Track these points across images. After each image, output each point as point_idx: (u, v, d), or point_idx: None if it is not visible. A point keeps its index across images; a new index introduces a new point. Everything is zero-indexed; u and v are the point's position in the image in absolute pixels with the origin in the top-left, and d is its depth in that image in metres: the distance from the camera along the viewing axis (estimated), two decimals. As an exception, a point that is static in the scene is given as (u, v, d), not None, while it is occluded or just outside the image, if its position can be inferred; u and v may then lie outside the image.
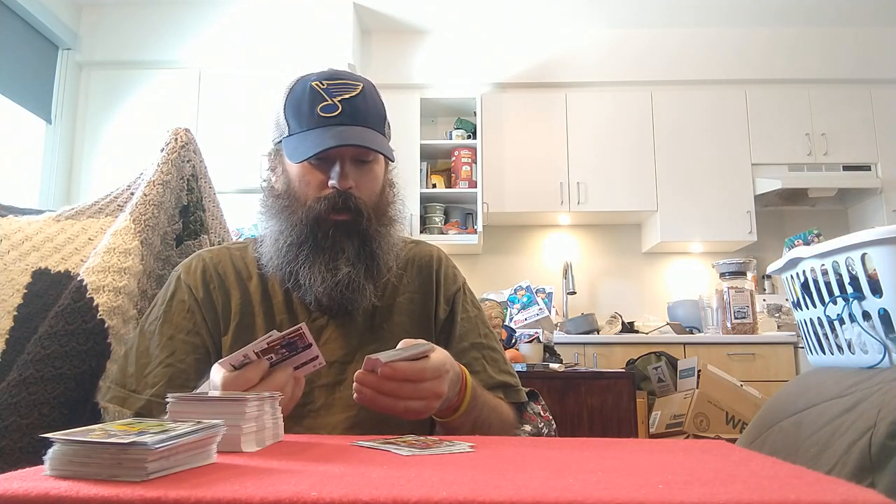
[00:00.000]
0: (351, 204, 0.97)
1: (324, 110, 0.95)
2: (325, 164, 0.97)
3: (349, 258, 0.97)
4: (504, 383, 1.06)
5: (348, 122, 0.96)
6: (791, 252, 1.18)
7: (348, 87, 0.98)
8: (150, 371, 0.96)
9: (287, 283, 1.01)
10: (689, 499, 0.41)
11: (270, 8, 3.89)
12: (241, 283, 1.04)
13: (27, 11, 3.42)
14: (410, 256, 1.11)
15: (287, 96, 1.01)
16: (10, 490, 0.43)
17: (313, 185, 0.98)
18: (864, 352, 1.00)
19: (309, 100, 0.97)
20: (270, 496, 0.42)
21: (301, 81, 1.00)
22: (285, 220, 0.99)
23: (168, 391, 0.93)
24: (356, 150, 0.97)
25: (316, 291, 0.97)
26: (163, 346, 0.97)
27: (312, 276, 0.96)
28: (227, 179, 3.47)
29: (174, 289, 1.02)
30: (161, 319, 1.00)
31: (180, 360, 0.97)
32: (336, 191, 0.96)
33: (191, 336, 0.99)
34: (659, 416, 2.53)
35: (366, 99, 0.99)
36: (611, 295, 4.23)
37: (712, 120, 4.03)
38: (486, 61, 4.14)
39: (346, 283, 0.96)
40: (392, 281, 1.06)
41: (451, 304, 1.10)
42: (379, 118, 1.01)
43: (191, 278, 1.03)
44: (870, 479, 0.80)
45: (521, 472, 0.51)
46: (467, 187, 3.97)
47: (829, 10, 3.98)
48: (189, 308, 1.00)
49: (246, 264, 1.06)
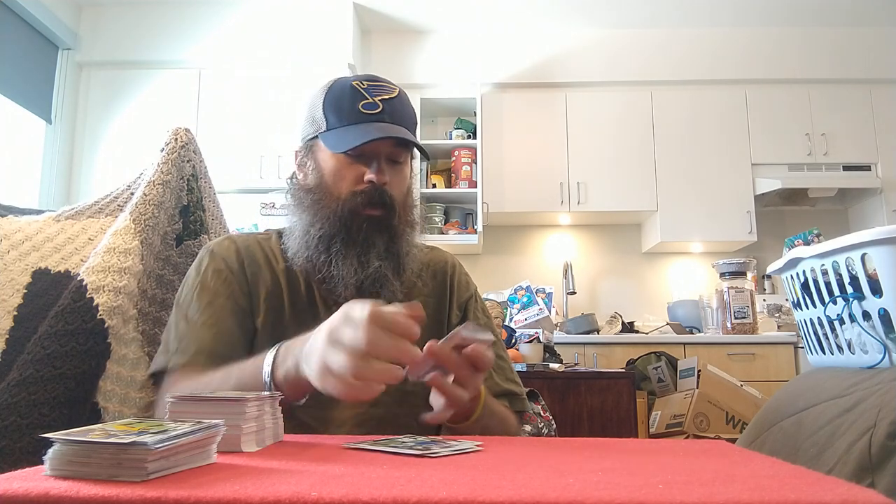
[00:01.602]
0: (386, 200, 0.99)
1: (365, 107, 0.99)
2: (362, 159, 0.99)
3: (380, 253, 0.98)
4: (509, 392, 1.08)
5: (388, 120, 0.99)
6: (791, 252, 1.18)
7: (387, 89, 1.02)
8: (192, 332, 0.95)
9: (317, 276, 1.01)
10: (689, 499, 0.41)
11: (270, 8, 3.89)
12: (270, 267, 1.04)
13: (27, 11, 3.42)
14: (426, 261, 1.12)
15: (325, 94, 1.03)
16: (10, 490, 0.43)
17: (349, 180, 0.99)
18: (864, 352, 1.00)
19: (350, 97, 0.99)
20: (270, 496, 0.42)
21: (340, 81, 1.03)
22: (316, 213, 1.00)
23: (216, 347, 0.92)
24: (392, 150, 1.00)
25: (346, 283, 0.97)
26: (202, 311, 0.97)
27: (345, 268, 0.97)
28: (227, 179, 3.48)
29: (208, 261, 1.02)
30: (197, 288, 0.99)
31: (222, 321, 0.96)
32: (372, 185, 0.98)
33: (230, 301, 0.99)
34: (659, 416, 2.53)
35: (402, 102, 1.03)
36: (611, 295, 4.23)
37: (712, 120, 4.03)
38: (486, 61, 4.14)
39: (376, 276, 0.98)
40: (411, 281, 1.08)
41: (464, 310, 1.12)
42: (412, 122, 1.04)
43: (224, 251, 1.03)
44: (870, 479, 0.80)
45: (522, 472, 0.51)
46: (467, 187, 3.97)
47: (830, 11, 3.98)
48: (225, 277, 1.00)
49: (273, 252, 1.06)
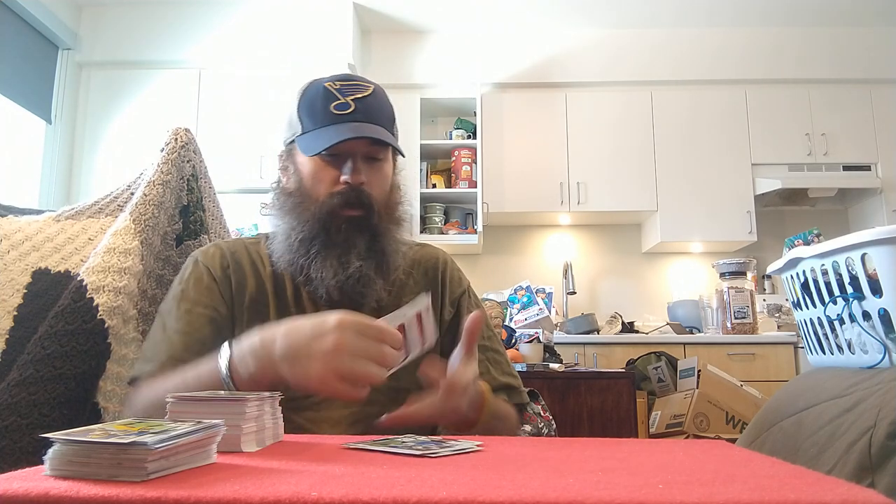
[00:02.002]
0: (363, 199, 0.99)
1: (337, 108, 0.98)
2: (338, 160, 0.99)
3: (360, 253, 0.99)
4: (507, 385, 1.08)
5: (361, 120, 0.99)
6: (791, 252, 1.18)
7: (360, 87, 1.01)
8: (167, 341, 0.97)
9: (298, 278, 1.02)
10: (689, 499, 0.41)
11: (270, 8, 3.89)
12: (256, 272, 1.05)
13: (27, 11, 3.42)
14: (417, 258, 1.12)
15: (300, 97, 1.03)
16: (10, 490, 0.43)
17: (326, 181, 0.99)
18: (864, 352, 1.00)
19: (322, 99, 0.99)
20: (270, 496, 0.42)
21: (314, 84, 1.03)
22: (297, 216, 1.00)
23: (183, 355, 0.93)
24: (368, 148, 1.00)
25: (328, 285, 0.98)
26: (179, 318, 0.98)
27: (325, 269, 0.97)
28: (227, 179, 3.47)
29: (191, 270, 1.03)
30: (179, 297, 1.00)
31: (197, 330, 0.97)
32: (348, 186, 0.98)
33: (208, 310, 0.99)
34: (659, 416, 2.53)
35: (377, 99, 1.02)
36: (611, 295, 4.23)
37: (712, 120, 4.03)
38: (486, 61, 4.14)
39: (358, 276, 0.98)
40: (400, 280, 1.08)
41: (457, 306, 1.12)
42: (389, 119, 1.04)
43: (208, 260, 1.04)
44: (870, 479, 0.80)
45: (521, 471, 0.51)
46: (467, 187, 3.97)
47: (830, 11, 3.98)
48: (207, 285, 1.01)
49: (260, 256, 1.07)
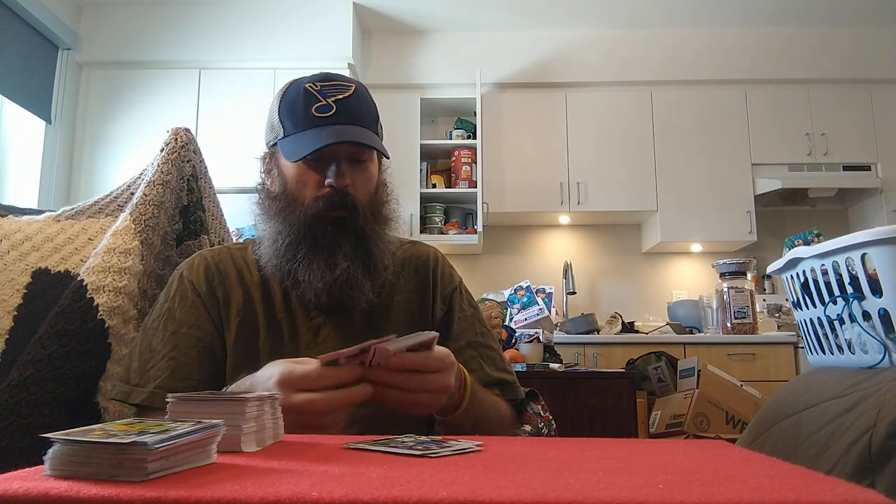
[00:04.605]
0: (348, 202, 0.98)
1: (319, 110, 0.97)
2: (322, 163, 0.98)
3: (346, 254, 0.98)
4: (501, 380, 1.06)
5: (343, 122, 0.97)
6: (791, 252, 1.18)
7: (341, 88, 0.99)
8: (154, 365, 0.96)
9: (286, 282, 1.01)
10: (689, 499, 0.41)
11: (270, 8, 3.89)
12: (242, 282, 1.04)
13: (27, 11, 3.42)
14: (407, 256, 1.12)
15: (281, 99, 1.02)
16: (10, 490, 0.43)
17: (310, 185, 0.99)
18: (864, 352, 1.00)
19: (303, 101, 0.98)
20: (270, 496, 0.42)
21: (294, 84, 1.02)
22: (283, 220, 0.99)
23: (171, 384, 0.94)
24: (351, 150, 0.99)
25: (315, 288, 0.97)
26: (166, 341, 0.98)
27: (312, 273, 0.97)
28: (227, 179, 3.46)
29: (177, 286, 1.03)
30: (165, 316, 1.00)
31: (183, 354, 0.97)
32: (333, 189, 0.97)
33: (194, 330, 0.99)
34: (659, 416, 2.53)
35: (359, 99, 1.00)
36: (611, 295, 4.23)
37: (712, 120, 4.03)
38: (486, 61, 4.14)
39: (345, 279, 0.97)
40: (389, 280, 1.07)
41: (448, 302, 1.10)
42: (372, 118, 1.02)
43: (193, 275, 1.03)
44: (870, 479, 0.80)
45: (522, 471, 0.51)
46: (467, 187, 3.97)
47: (830, 10, 3.98)
48: (192, 303, 1.01)
49: (246, 264, 1.06)
